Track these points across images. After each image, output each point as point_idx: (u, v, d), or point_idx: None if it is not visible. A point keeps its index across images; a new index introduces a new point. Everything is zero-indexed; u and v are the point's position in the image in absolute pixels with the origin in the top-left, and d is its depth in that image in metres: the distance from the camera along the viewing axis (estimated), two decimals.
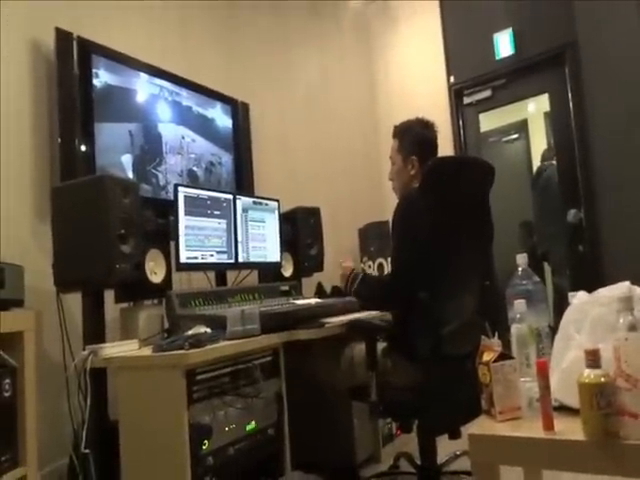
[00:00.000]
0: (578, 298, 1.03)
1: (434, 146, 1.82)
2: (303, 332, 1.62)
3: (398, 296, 1.58)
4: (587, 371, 0.81)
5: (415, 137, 1.82)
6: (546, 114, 3.78)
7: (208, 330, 1.52)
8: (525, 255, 1.23)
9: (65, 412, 1.54)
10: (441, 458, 1.87)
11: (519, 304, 1.10)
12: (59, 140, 1.79)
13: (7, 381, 1.18)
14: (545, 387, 0.88)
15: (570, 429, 0.85)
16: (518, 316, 1.09)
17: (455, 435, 1.68)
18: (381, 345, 1.70)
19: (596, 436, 0.80)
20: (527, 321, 1.09)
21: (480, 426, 0.97)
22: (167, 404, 1.31)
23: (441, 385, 1.55)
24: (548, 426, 0.86)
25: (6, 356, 1.19)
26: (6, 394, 1.17)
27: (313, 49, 3.35)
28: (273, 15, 3.07)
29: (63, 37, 1.83)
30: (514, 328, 1.09)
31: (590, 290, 1.08)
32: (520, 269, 1.22)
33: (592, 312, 0.97)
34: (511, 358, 1.00)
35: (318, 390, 1.94)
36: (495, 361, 0.98)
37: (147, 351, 1.44)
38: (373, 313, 1.97)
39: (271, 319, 1.58)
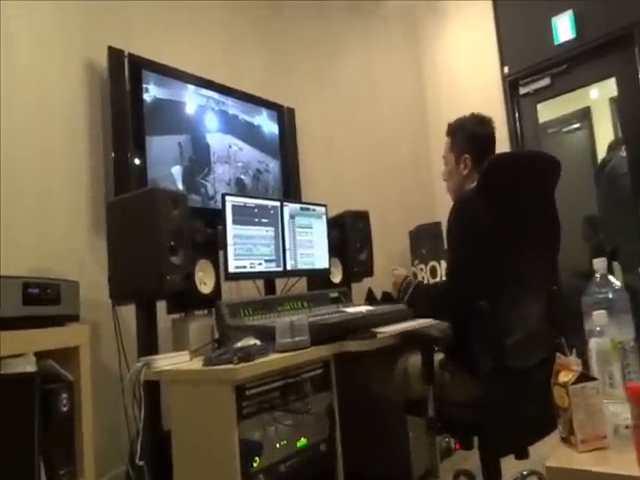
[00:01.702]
0: None
1: (490, 143, 1.70)
2: (355, 343, 1.56)
3: (455, 304, 1.49)
4: None
5: (468, 134, 1.71)
6: (612, 100, 3.49)
7: (257, 342, 1.50)
8: (604, 259, 1.09)
9: (122, 422, 1.57)
10: (506, 478, 1.75)
11: (599, 315, 0.98)
12: (112, 155, 1.84)
13: (64, 395, 1.20)
14: (638, 416, 0.76)
15: None
16: (598, 329, 0.97)
17: (522, 455, 1.56)
18: (438, 356, 1.61)
19: None
20: (609, 334, 0.97)
21: (558, 457, 0.86)
22: (217, 419, 1.30)
23: (505, 401, 1.43)
24: None
25: (63, 371, 1.22)
26: (64, 408, 1.20)
27: (358, 49, 3.29)
28: (316, 17, 3.03)
29: (115, 55, 1.88)
30: (594, 343, 0.97)
31: None
32: (599, 275, 1.08)
33: None
34: (593, 379, 0.89)
35: (371, 403, 1.88)
36: (574, 383, 0.87)
37: (197, 363, 1.43)
38: (429, 321, 1.89)
39: (321, 330, 1.53)
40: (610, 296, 1.04)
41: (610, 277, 1.09)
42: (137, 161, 1.88)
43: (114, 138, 1.84)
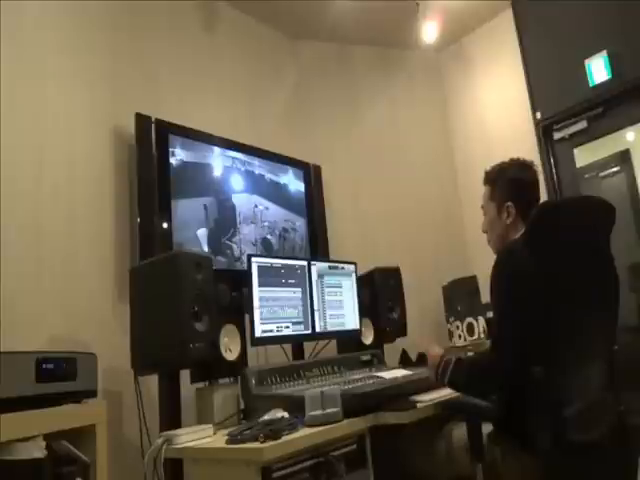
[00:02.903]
0: None
1: (534, 189, 1.57)
2: (392, 415, 1.42)
3: (503, 375, 1.31)
4: None
5: (510, 181, 1.58)
6: None
7: (285, 414, 1.39)
8: None
9: None
10: None
11: None
12: (138, 220, 1.84)
13: (78, 479, 1.12)
14: None
15: None
16: None
17: None
18: (487, 428, 1.44)
19: None
20: None
21: None
22: None
23: None
24: None
25: (78, 452, 1.14)
26: None
27: (383, 103, 3.32)
28: (340, 73, 3.10)
29: (142, 121, 1.93)
30: None
31: None
32: None
33: None
34: None
35: None
36: None
37: (221, 439, 1.33)
38: None
39: (354, 401, 1.41)
40: None
41: None
42: (163, 225, 1.87)
43: (140, 202, 1.85)
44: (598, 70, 3.05)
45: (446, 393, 1.58)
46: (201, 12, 2.45)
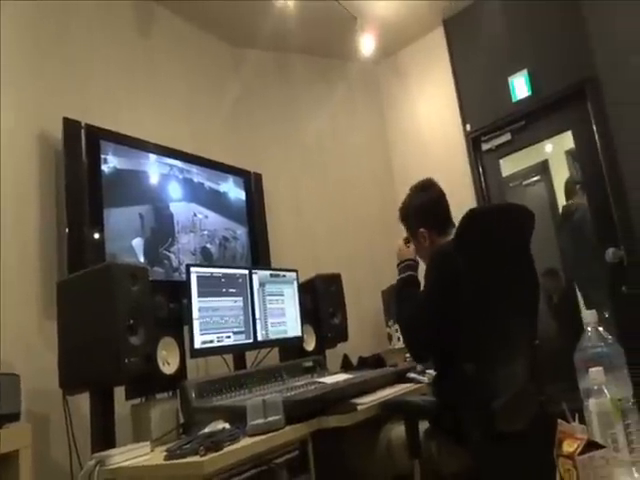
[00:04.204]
0: None
1: (438, 205, 1.70)
2: (334, 418, 1.44)
3: (413, 331, 1.52)
4: None
5: (413, 210, 1.72)
6: (567, 152, 3.65)
7: (227, 425, 1.37)
8: (594, 312, 1.03)
9: None
10: None
11: (596, 372, 0.90)
12: (67, 229, 1.75)
13: None
14: None
15: None
16: (596, 387, 0.89)
17: None
18: (423, 425, 1.50)
19: None
20: (608, 393, 0.89)
21: None
22: None
23: (497, 469, 1.33)
24: None
25: None
26: None
27: (323, 111, 3.38)
28: (280, 82, 3.12)
29: (71, 126, 1.84)
30: (593, 404, 0.89)
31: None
32: (590, 328, 1.02)
33: None
34: (601, 447, 0.80)
35: None
36: (581, 452, 0.78)
37: (160, 455, 1.28)
38: (409, 386, 1.79)
39: (296, 407, 1.42)
40: (604, 350, 0.98)
41: (601, 329, 1.03)
42: (94, 235, 1.79)
43: (69, 211, 1.76)
44: (520, 87, 3.30)
45: (386, 394, 1.63)
46: (137, 13, 2.38)
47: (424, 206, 1.70)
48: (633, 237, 2.87)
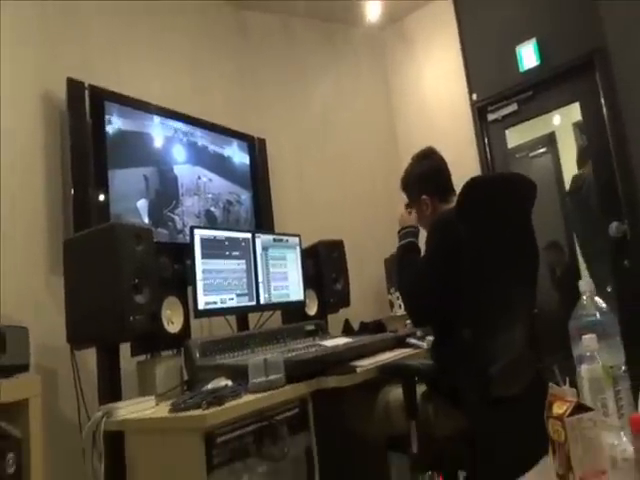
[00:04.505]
0: None
1: (440, 172, 1.71)
2: (333, 379, 1.48)
3: (415, 296, 1.53)
4: None
5: (415, 178, 1.73)
6: (575, 125, 3.60)
7: (229, 382, 1.41)
8: (590, 281, 1.05)
9: (83, 478, 1.44)
10: None
11: (589, 340, 0.92)
12: (72, 190, 1.76)
13: (10, 455, 1.08)
14: None
15: None
16: (588, 354, 0.91)
17: None
18: (421, 388, 1.54)
19: None
20: (599, 360, 0.92)
21: None
22: (185, 470, 1.19)
23: (492, 433, 1.37)
24: None
25: (9, 428, 1.10)
26: (10, 470, 1.08)
27: (328, 77, 3.32)
28: (286, 47, 3.06)
29: (75, 87, 1.82)
30: (585, 370, 0.92)
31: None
32: (585, 297, 1.04)
33: None
34: (589, 409, 0.83)
35: (352, 441, 1.78)
36: (570, 414, 0.81)
37: (164, 409, 1.33)
38: (408, 351, 1.83)
39: (297, 367, 1.45)
40: (598, 318, 1.00)
41: (597, 299, 1.05)
42: (99, 196, 1.80)
43: (74, 172, 1.76)
44: (528, 56, 3.22)
45: (385, 358, 1.66)
46: None
47: (425, 173, 1.70)
48: (637, 211, 2.86)
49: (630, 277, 2.87)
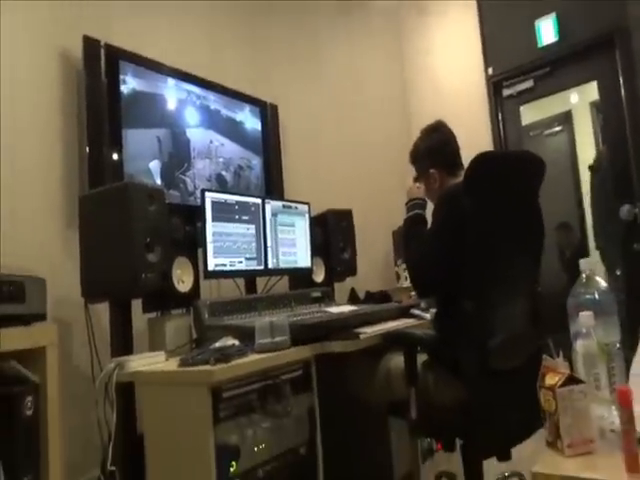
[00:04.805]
0: None
1: (448, 146, 1.72)
2: (337, 344, 1.52)
3: (423, 269, 1.55)
4: None
5: (423, 152, 1.74)
6: (592, 104, 3.53)
7: (236, 342, 1.45)
8: (590, 260, 1.07)
9: (94, 426, 1.50)
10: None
11: (586, 317, 0.95)
12: (87, 148, 1.77)
13: (29, 399, 1.13)
14: (629, 420, 0.74)
15: None
16: (584, 330, 0.95)
17: (504, 457, 1.54)
18: (422, 357, 1.58)
19: None
20: (595, 336, 0.95)
21: (545, 462, 0.83)
22: (192, 422, 1.24)
23: (489, 403, 1.42)
24: (632, 468, 0.73)
25: (27, 373, 1.15)
26: (28, 412, 1.13)
27: (342, 47, 3.26)
28: (300, 14, 2.99)
29: (91, 45, 1.81)
30: (580, 345, 0.95)
31: None
32: (584, 275, 1.06)
33: None
34: (580, 382, 0.87)
35: (353, 405, 1.84)
36: (562, 385, 0.85)
37: (174, 364, 1.38)
38: (412, 321, 1.86)
39: (302, 330, 1.49)
40: (596, 297, 1.03)
41: (597, 277, 1.07)
42: (113, 155, 1.81)
43: (89, 131, 1.77)
44: (547, 31, 3.15)
45: (388, 326, 1.70)
46: None
47: (434, 147, 1.71)
48: None
49: (639, 261, 2.87)
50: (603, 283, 1.05)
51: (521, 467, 1.93)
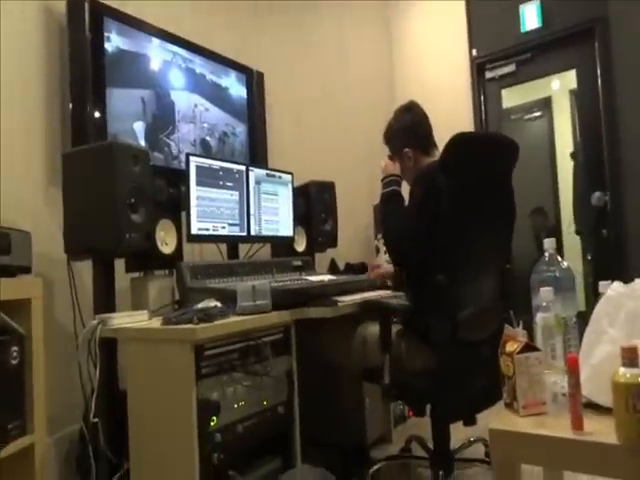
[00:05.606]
0: (613, 289, 0.95)
1: (421, 125, 1.76)
2: (315, 310, 1.58)
3: (400, 243, 1.61)
4: (623, 370, 0.75)
5: (397, 132, 1.78)
6: (571, 92, 3.61)
7: (218, 304, 1.49)
8: (553, 240, 1.15)
9: (77, 380, 1.53)
10: (454, 443, 1.84)
11: (545, 292, 1.04)
12: (70, 105, 1.74)
13: (14, 349, 1.16)
14: (575, 384, 0.82)
15: (601, 431, 0.80)
16: (544, 304, 1.03)
17: (470, 422, 1.64)
18: (396, 327, 1.65)
19: (631, 441, 0.74)
20: (554, 310, 1.03)
21: (501, 420, 0.92)
22: (175, 378, 1.29)
23: (456, 371, 1.51)
24: (577, 426, 0.81)
25: (13, 323, 1.17)
26: (13, 361, 1.15)
27: (329, 18, 3.22)
28: None
29: (74, 0, 1.76)
30: (539, 317, 1.03)
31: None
32: (547, 254, 1.14)
33: (628, 305, 0.90)
34: (537, 350, 0.95)
35: (330, 369, 1.92)
36: (519, 352, 0.93)
37: (156, 323, 1.41)
38: (389, 292, 1.93)
39: (282, 295, 1.54)
40: (557, 274, 1.11)
41: (558, 257, 1.15)
42: (96, 113, 1.78)
43: (72, 87, 1.73)
44: (530, 17, 3.19)
45: (365, 296, 1.76)
46: None
47: (407, 127, 1.76)
48: (619, 182, 2.96)
49: (608, 247, 3.01)
50: (563, 262, 1.13)
51: (486, 434, 2.05)
